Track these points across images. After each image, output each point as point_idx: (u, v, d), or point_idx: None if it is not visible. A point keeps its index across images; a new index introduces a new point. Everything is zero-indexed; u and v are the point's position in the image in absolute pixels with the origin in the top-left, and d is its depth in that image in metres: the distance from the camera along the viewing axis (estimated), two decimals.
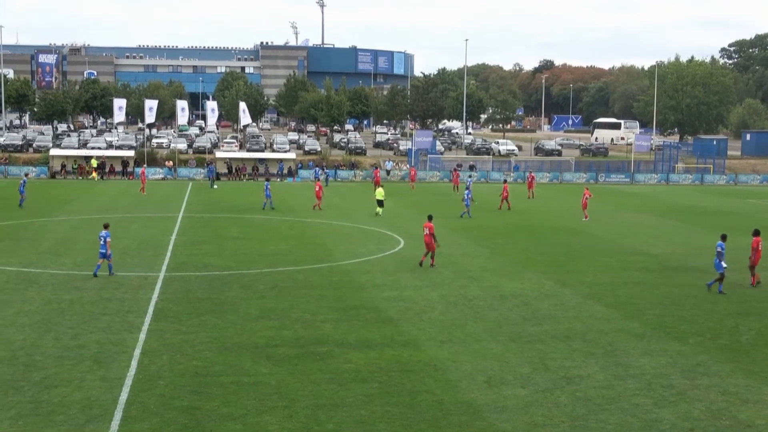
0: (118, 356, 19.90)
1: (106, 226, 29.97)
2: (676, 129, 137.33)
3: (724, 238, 29.45)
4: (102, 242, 29.37)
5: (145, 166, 75.67)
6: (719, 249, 28.69)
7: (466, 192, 51.49)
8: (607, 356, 20.77)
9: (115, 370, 18.79)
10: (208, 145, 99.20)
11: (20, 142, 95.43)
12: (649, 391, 18.16)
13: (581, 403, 17.33)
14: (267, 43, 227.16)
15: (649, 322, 24.36)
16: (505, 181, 58.75)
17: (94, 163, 79.43)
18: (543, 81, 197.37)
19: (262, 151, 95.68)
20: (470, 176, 68.88)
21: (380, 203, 50.61)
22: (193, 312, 24.55)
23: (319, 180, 62.79)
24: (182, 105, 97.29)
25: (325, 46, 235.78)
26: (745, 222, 50.55)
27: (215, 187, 70.16)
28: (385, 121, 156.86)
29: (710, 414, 16.87)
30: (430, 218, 32.90)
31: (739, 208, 60.74)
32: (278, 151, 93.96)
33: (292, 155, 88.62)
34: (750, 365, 20.23)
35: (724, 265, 28.53)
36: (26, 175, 49.80)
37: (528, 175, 67.83)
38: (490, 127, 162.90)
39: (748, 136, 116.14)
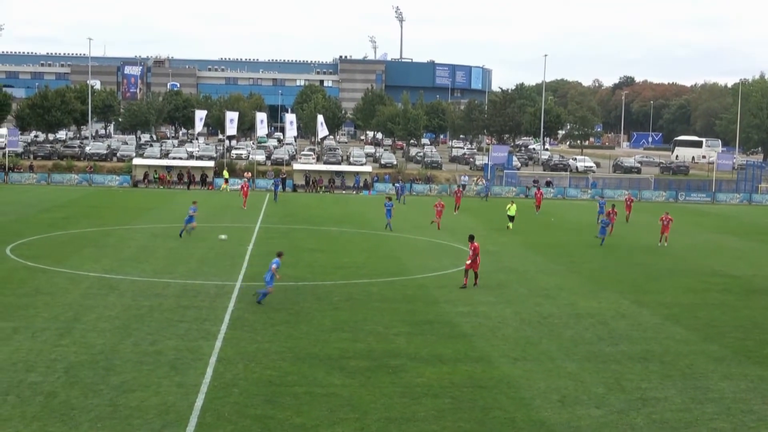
0: (194, 363, 20.24)
1: (279, 255, 28.33)
2: (759, 148, 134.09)
3: None
4: (271, 269, 27.41)
5: (245, 179, 72.12)
6: None
7: (599, 213, 49.12)
8: (685, 379, 20.34)
9: (192, 377, 19.11)
10: (286, 157, 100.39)
11: (105, 152, 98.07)
12: (728, 416, 17.72)
13: (657, 426, 17.00)
14: (345, 56, 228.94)
15: (729, 346, 23.79)
16: (613, 206, 53.40)
17: (226, 174, 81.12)
18: (623, 97, 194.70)
19: (339, 163, 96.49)
20: (602, 197, 62.41)
21: (511, 219, 51.20)
22: (267, 322, 24.82)
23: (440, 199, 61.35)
24: (261, 117, 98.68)
25: (403, 60, 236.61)
26: None
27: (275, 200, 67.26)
28: (461, 136, 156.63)
29: None
30: (472, 238, 32.16)
31: None
32: (355, 164, 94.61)
33: (368, 168, 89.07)
34: None
35: None
36: (194, 202, 46.40)
37: (626, 198, 63.56)
38: (568, 143, 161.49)
39: None
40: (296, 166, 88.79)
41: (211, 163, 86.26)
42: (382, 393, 18.49)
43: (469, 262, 31.53)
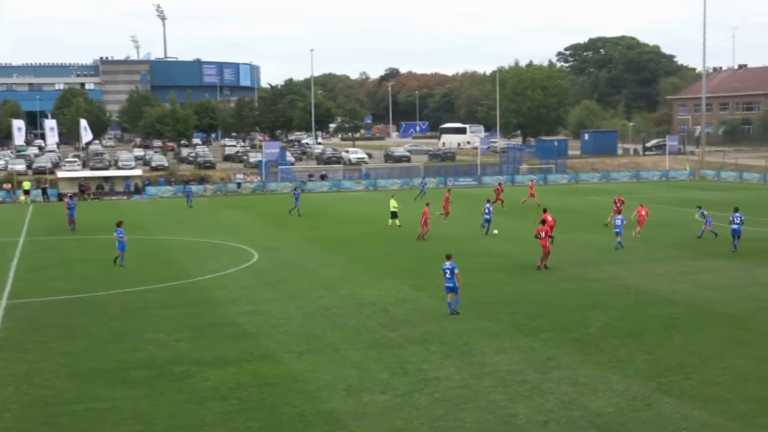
0: None
1: (449, 257, 25.79)
2: (519, 131, 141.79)
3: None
4: (450, 275, 25.40)
5: (68, 198, 58.62)
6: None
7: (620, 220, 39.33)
8: (463, 356, 21.18)
9: None
10: (49, 165, 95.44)
11: None
12: (504, 388, 18.63)
13: (440, 404, 17.61)
14: (107, 57, 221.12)
15: (502, 321, 25.00)
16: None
17: (26, 185, 75.69)
18: (389, 89, 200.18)
19: (107, 168, 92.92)
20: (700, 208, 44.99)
21: (394, 215, 49.44)
22: (39, 339, 23.53)
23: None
24: (19, 124, 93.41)
25: (167, 59, 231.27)
26: (588, 219, 52.65)
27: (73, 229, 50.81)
28: (233, 134, 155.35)
29: (562, 405, 17.46)
30: (543, 222, 35.01)
31: (582, 205, 63.16)
32: (124, 169, 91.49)
33: (138, 172, 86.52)
34: (598, 356, 21.06)
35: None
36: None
37: (497, 186, 58.98)
38: (340, 136, 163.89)
39: (586, 136, 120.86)
40: (60, 173, 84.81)
41: None
42: (167, 401, 18.01)
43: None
